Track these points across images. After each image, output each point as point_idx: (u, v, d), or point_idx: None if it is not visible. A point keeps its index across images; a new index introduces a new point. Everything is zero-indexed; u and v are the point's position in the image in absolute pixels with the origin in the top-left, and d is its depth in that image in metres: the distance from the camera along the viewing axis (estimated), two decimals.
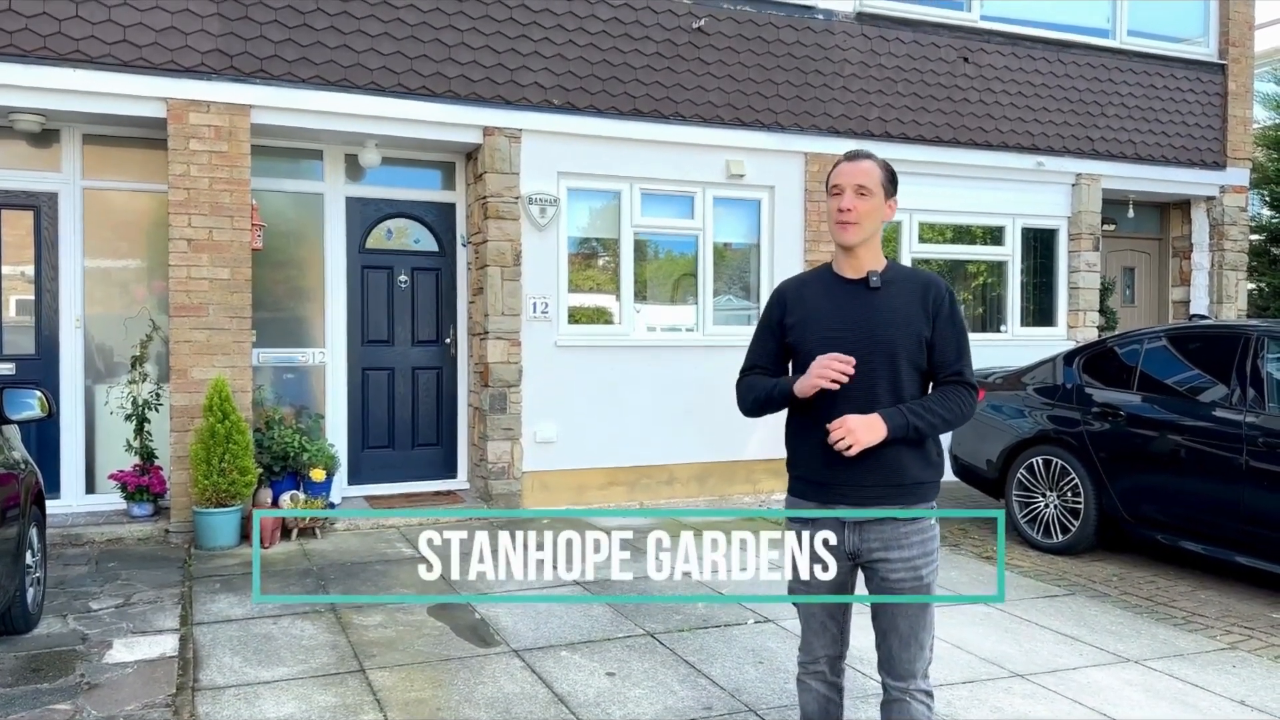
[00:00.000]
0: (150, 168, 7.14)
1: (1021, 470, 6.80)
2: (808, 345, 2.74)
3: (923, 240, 9.40)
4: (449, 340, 8.12)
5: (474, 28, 7.42)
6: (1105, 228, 10.29)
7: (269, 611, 5.07)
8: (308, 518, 6.63)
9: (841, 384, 2.57)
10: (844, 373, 2.56)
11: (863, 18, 8.80)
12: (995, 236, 9.80)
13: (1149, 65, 10.12)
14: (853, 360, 2.57)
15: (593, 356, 7.90)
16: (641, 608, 5.17)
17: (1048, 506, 6.64)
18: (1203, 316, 10.58)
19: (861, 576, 2.81)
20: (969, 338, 2.80)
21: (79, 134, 7.06)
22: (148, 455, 6.94)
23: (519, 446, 7.59)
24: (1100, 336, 9.34)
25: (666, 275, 8.52)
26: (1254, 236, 12.56)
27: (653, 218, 8.22)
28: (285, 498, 6.83)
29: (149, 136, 7.08)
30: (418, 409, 8.05)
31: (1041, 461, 6.69)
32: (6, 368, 6.92)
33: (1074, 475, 6.45)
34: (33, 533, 4.65)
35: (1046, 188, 9.81)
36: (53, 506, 6.39)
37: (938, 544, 2.76)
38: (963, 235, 9.77)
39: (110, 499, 7.04)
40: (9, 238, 7.01)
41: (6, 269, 7.04)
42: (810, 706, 2.90)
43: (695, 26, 8.11)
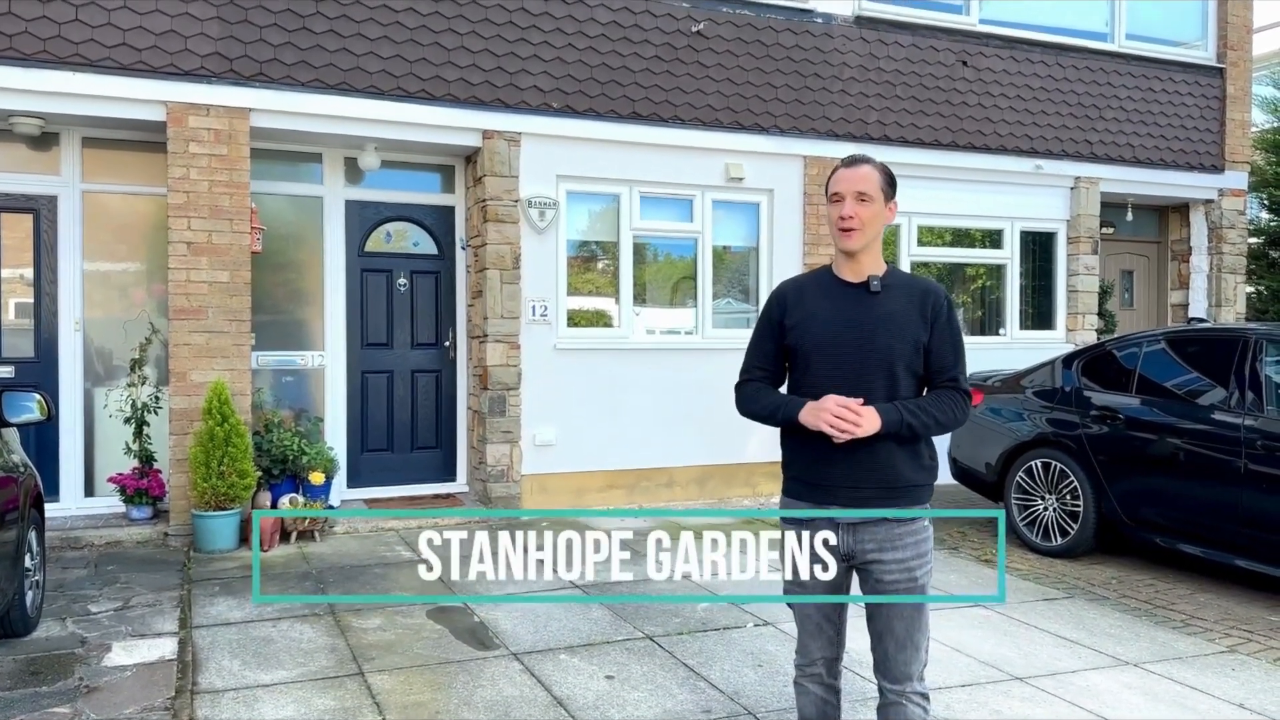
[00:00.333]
0: (150, 171, 7.15)
1: (1020, 473, 6.81)
2: (806, 347, 2.77)
3: (922, 243, 9.41)
4: (448, 343, 8.13)
5: (473, 31, 7.43)
6: (1104, 231, 10.30)
7: (268, 614, 5.07)
8: (307, 520, 6.64)
9: (849, 434, 2.59)
10: (855, 424, 2.58)
11: (861, 21, 8.81)
12: (994, 240, 9.81)
13: (1147, 69, 10.13)
14: (861, 402, 2.61)
15: (592, 359, 7.91)
16: (641, 610, 5.17)
17: (1047, 509, 6.64)
18: (1201, 320, 10.59)
19: (856, 580, 2.82)
20: (965, 344, 2.83)
21: (78, 137, 7.07)
22: (147, 458, 6.94)
23: (518, 449, 7.60)
24: (1099, 339, 9.34)
25: (666, 278, 8.53)
26: (1252, 240, 12.57)
27: (652, 221, 8.23)
28: (284, 500, 6.82)
29: (148, 140, 7.09)
30: (417, 412, 8.05)
31: (1040, 464, 6.69)
32: (6, 371, 6.93)
33: (1073, 478, 6.46)
34: (32, 536, 4.65)
35: (1045, 191, 9.83)
36: (52, 509, 6.38)
37: (932, 545, 2.77)
38: (962, 238, 9.78)
39: (109, 502, 7.04)
40: (8, 241, 7.02)
41: (6, 272, 7.05)
42: (808, 709, 2.90)
43: (694, 30, 8.12)
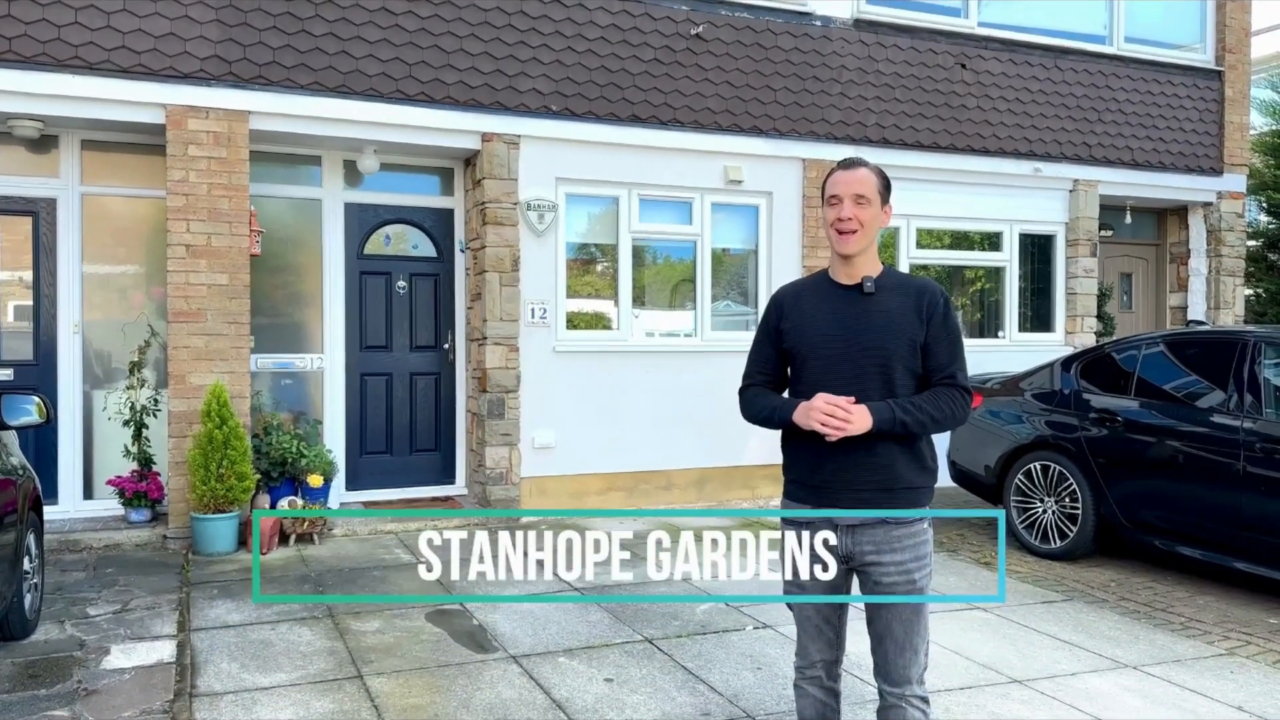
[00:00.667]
0: (149, 173, 7.15)
1: (1019, 476, 6.81)
2: (803, 350, 2.78)
3: (921, 246, 9.41)
4: (447, 346, 8.12)
5: (472, 34, 7.44)
6: (1103, 233, 10.30)
7: (267, 617, 5.07)
8: (305, 523, 6.64)
9: (841, 432, 2.61)
10: (845, 421, 2.59)
11: (860, 24, 8.82)
12: (993, 242, 9.82)
13: (1146, 71, 10.15)
14: (853, 401, 2.62)
15: (591, 362, 7.91)
16: (640, 613, 5.17)
17: (1046, 512, 6.64)
18: (1200, 322, 10.59)
19: (857, 583, 2.82)
20: (964, 343, 2.83)
21: (78, 140, 7.06)
22: (146, 461, 6.93)
23: (517, 452, 7.59)
24: (1098, 342, 9.35)
25: (665, 281, 8.53)
26: (1251, 242, 12.59)
27: (651, 223, 8.23)
28: (283, 503, 6.83)
29: (148, 142, 7.09)
30: (416, 415, 8.05)
31: (1039, 467, 6.69)
32: (4, 373, 6.92)
33: (1072, 481, 6.46)
34: (30, 538, 4.65)
35: (1044, 193, 9.83)
36: (50, 512, 6.38)
37: (931, 548, 2.77)
38: (961, 241, 9.78)
39: (108, 505, 7.02)
40: (7, 243, 7.02)
41: (5, 274, 7.05)
42: (807, 712, 2.90)
43: (693, 33, 8.13)
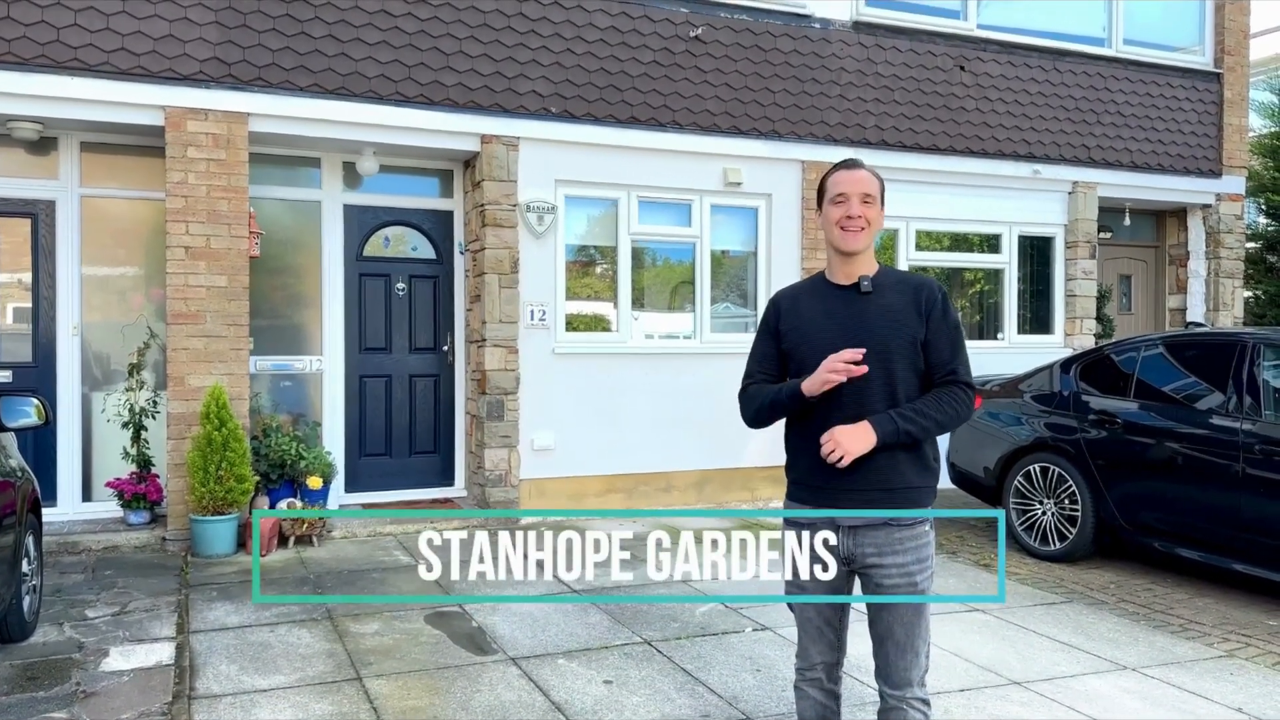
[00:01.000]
0: (148, 175, 7.15)
1: (1019, 478, 6.81)
2: (803, 351, 2.78)
3: (920, 248, 9.41)
4: (446, 348, 8.12)
5: (471, 36, 7.44)
6: (1102, 235, 10.31)
7: (265, 619, 5.06)
8: (305, 524, 6.63)
9: (851, 376, 2.60)
10: (852, 361, 2.59)
11: (859, 26, 8.82)
12: (992, 244, 9.82)
13: (1145, 74, 10.16)
14: (862, 351, 2.61)
15: (590, 364, 7.91)
16: (639, 615, 5.17)
17: (1045, 514, 6.64)
18: (1199, 324, 10.61)
19: (858, 585, 2.81)
20: (965, 338, 2.82)
21: (77, 142, 7.06)
22: (145, 463, 6.93)
23: (516, 454, 7.59)
24: (1097, 344, 9.35)
25: (664, 283, 8.53)
26: (1250, 244, 12.61)
27: (650, 225, 8.23)
28: (282, 505, 6.83)
29: (147, 144, 7.08)
30: (415, 417, 8.04)
31: (1039, 469, 6.69)
32: (3, 375, 6.92)
33: (1071, 483, 6.45)
34: (29, 540, 4.64)
35: (1043, 196, 9.84)
36: (49, 514, 6.38)
37: (933, 550, 2.77)
38: (960, 243, 9.78)
39: (107, 507, 7.02)
40: (6, 245, 7.01)
41: (4, 276, 7.05)
42: (807, 714, 2.89)
43: (692, 35, 8.13)
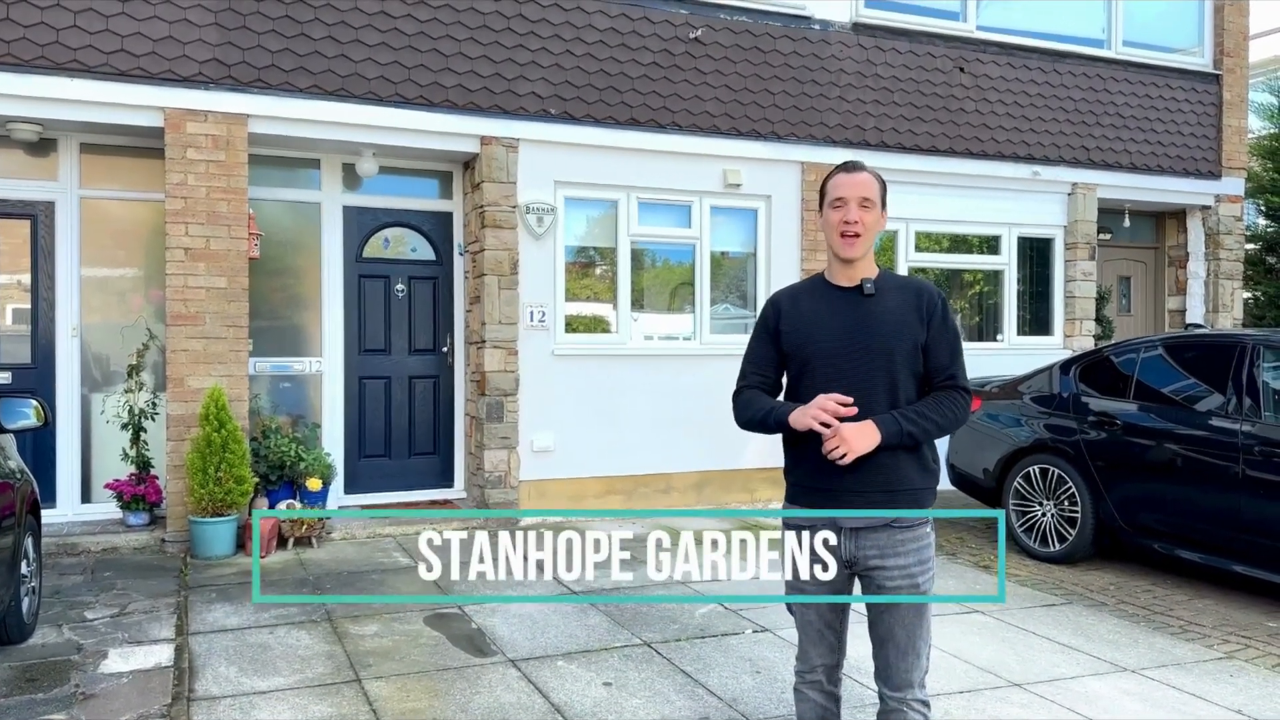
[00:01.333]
0: (147, 177, 7.15)
1: (1018, 479, 6.81)
2: (804, 352, 2.77)
3: (919, 249, 9.41)
4: (446, 349, 8.12)
5: (471, 38, 7.44)
6: (1101, 237, 10.31)
7: (265, 621, 5.06)
8: (304, 526, 6.63)
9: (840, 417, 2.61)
10: (840, 416, 2.60)
11: (859, 28, 8.83)
12: (991, 246, 9.82)
13: (1144, 75, 10.16)
14: (851, 400, 2.62)
15: (590, 365, 7.90)
16: (639, 617, 5.16)
17: (1045, 515, 6.64)
18: (1199, 325, 10.61)
19: (859, 588, 2.81)
20: (963, 342, 2.83)
21: (76, 143, 7.06)
22: (144, 464, 6.92)
23: (516, 455, 7.59)
24: (1096, 345, 9.35)
25: (664, 284, 8.53)
26: (1249, 246, 12.61)
27: (650, 227, 8.23)
28: (281, 507, 6.84)
29: (146, 146, 7.08)
30: (415, 418, 8.04)
31: (1038, 470, 6.69)
32: (3, 377, 6.91)
33: (1071, 484, 6.45)
34: (28, 542, 4.64)
35: (1042, 197, 9.84)
36: (48, 516, 6.38)
37: (933, 550, 2.77)
38: (959, 244, 9.78)
39: (106, 508, 7.02)
40: (5, 247, 7.01)
41: (3, 278, 7.05)
42: (807, 716, 2.89)
43: (692, 36, 8.14)
